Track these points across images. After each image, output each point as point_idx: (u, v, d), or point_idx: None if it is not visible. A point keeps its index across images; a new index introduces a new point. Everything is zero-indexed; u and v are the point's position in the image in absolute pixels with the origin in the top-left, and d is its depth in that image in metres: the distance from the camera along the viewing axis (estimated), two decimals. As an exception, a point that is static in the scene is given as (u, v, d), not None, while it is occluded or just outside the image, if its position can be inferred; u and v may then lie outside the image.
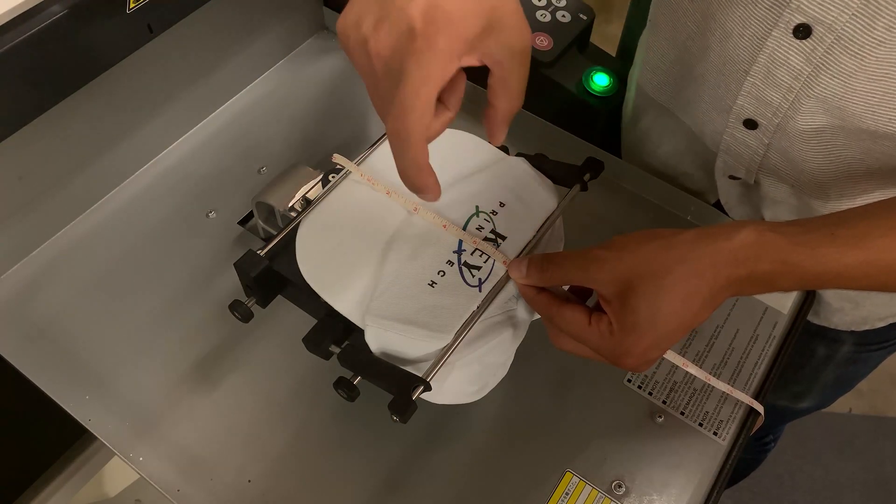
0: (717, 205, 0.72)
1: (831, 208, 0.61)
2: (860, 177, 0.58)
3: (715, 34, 0.56)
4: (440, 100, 0.40)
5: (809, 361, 0.79)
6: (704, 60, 0.59)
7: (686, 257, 0.43)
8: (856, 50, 0.48)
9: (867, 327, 0.73)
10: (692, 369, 0.55)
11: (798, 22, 0.50)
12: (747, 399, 0.58)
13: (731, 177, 0.66)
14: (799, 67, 0.52)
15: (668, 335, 0.43)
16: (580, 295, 0.49)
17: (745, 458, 1.19)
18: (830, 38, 0.49)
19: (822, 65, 0.51)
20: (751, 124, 0.59)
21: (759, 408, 0.58)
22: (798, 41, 0.51)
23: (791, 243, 0.42)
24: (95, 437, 0.56)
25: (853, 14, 0.47)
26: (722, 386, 0.58)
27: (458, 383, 0.49)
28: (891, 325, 0.73)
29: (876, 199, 0.59)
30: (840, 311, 0.72)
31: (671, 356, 0.53)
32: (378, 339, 0.48)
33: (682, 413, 0.59)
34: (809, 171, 0.59)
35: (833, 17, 0.48)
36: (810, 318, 0.73)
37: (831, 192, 0.60)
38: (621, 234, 0.45)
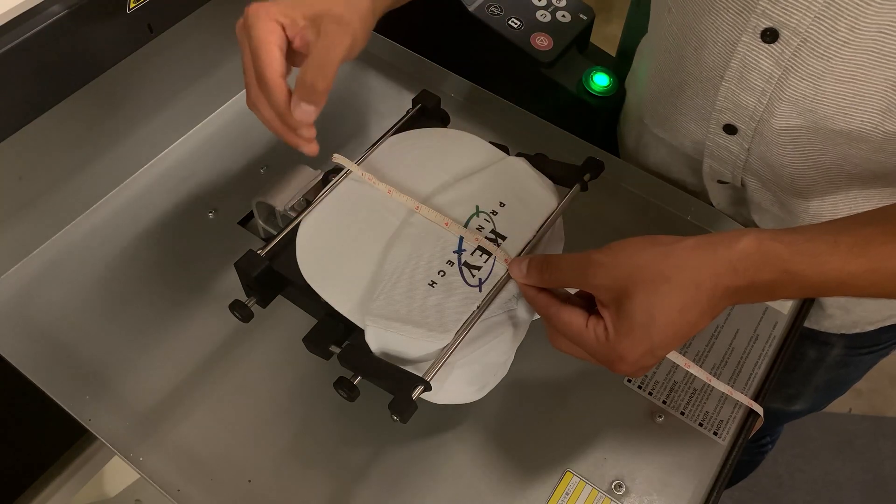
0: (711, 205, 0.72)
1: (813, 212, 0.62)
2: (839, 181, 0.58)
3: (691, 43, 0.57)
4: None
5: (800, 364, 0.79)
6: (682, 70, 0.60)
7: (685, 265, 0.42)
8: (822, 52, 0.49)
9: (857, 331, 0.73)
10: (693, 369, 0.55)
11: (765, 26, 0.51)
12: (747, 400, 0.58)
13: (720, 181, 0.67)
14: (769, 71, 0.53)
15: (663, 343, 0.43)
16: (586, 296, 0.49)
17: (742, 460, 1.19)
18: (797, 40, 0.50)
19: (791, 67, 0.51)
20: (730, 129, 0.59)
21: (759, 409, 0.58)
22: (766, 45, 0.52)
23: (793, 252, 0.42)
24: (95, 437, 0.56)
25: (816, 16, 0.48)
26: (722, 387, 0.58)
27: (458, 383, 0.49)
28: (881, 328, 0.73)
29: (857, 202, 0.59)
30: (831, 317, 0.72)
31: (673, 356, 0.53)
32: (378, 339, 0.48)
33: (682, 413, 0.59)
34: (789, 176, 0.59)
35: (797, 20, 0.49)
36: None
37: (812, 196, 0.61)
38: (622, 239, 0.45)
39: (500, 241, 0.53)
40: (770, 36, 0.51)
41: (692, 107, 0.62)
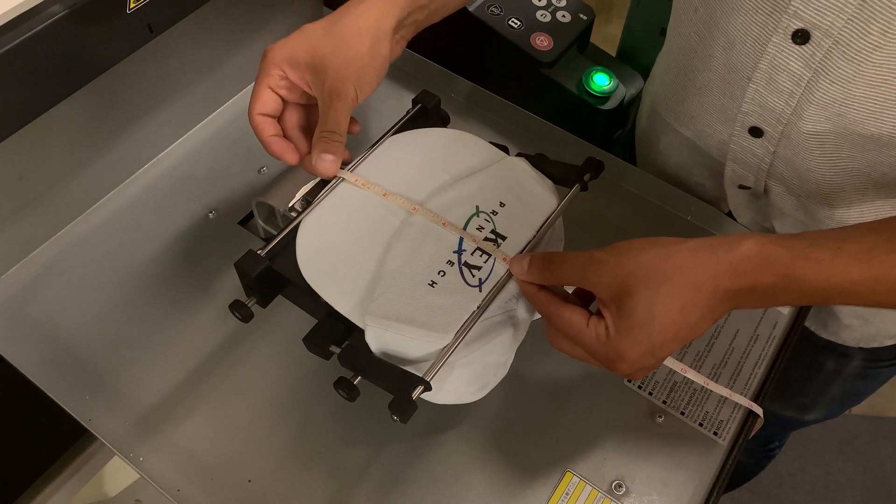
0: (730, 213, 0.72)
1: (838, 218, 0.61)
2: (867, 189, 0.58)
3: (718, 42, 0.57)
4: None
5: (817, 375, 0.78)
6: (708, 70, 0.59)
7: (686, 266, 0.42)
8: (853, 55, 0.49)
9: (876, 344, 0.72)
10: (691, 374, 0.55)
11: (796, 27, 0.50)
12: (746, 402, 0.58)
13: (741, 186, 0.66)
14: (799, 73, 0.52)
15: (663, 344, 0.43)
16: (584, 297, 0.49)
17: (749, 463, 1.19)
18: (828, 42, 0.49)
19: (822, 70, 0.51)
20: (756, 132, 0.59)
21: (759, 410, 0.58)
22: (797, 47, 0.51)
23: (794, 257, 0.41)
24: (95, 437, 0.56)
25: (848, 19, 0.47)
26: (721, 390, 0.58)
27: (458, 383, 0.49)
28: None
29: (883, 210, 0.59)
30: (849, 328, 0.71)
31: (670, 362, 0.53)
32: (378, 339, 0.48)
33: (683, 413, 0.59)
34: (814, 182, 0.59)
35: (829, 21, 0.48)
36: (819, 331, 0.73)
37: (837, 203, 0.60)
38: (624, 240, 0.45)
39: (500, 241, 0.53)
40: (801, 37, 0.50)
41: (718, 107, 0.61)
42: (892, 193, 0.57)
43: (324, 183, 0.57)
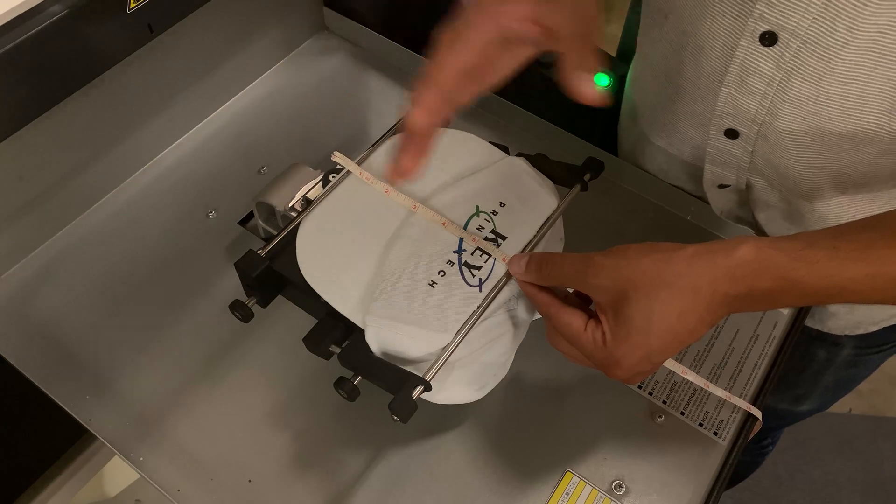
0: None
1: (819, 212, 0.61)
2: (846, 187, 0.58)
3: (688, 49, 0.57)
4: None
5: (810, 365, 0.79)
6: (679, 76, 0.60)
7: (684, 272, 0.42)
8: (822, 53, 0.49)
9: (861, 331, 0.73)
10: (690, 376, 0.55)
11: (763, 30, 0.51)
12: (744, 405, 0.58)
13: (721, 185, 0.67)
14: (770, 74, 0.52)
15: (661, 349, 0.43)
16: (585, 296, 0.49)
17: (743, 461, 1.19)
18: (796, 42, 0.50)
19: (793, 69, 0.51)
20: (732, 134, 0.59)
21: (757, 413, 0.58)
22: (766, 48, 0.51)
23: (791, 259, 0.41)
24: (95, 437, 0.56)
25: (814, 18, 0.48)
26: (720, 392, 0.58)
27: (458, 383, 0.49)
28: (885, 328, 0.73)
29: (863, 205, 0.59)
30: (834, 315, 0.72)
31: (670, 363, 0.53)
32: (378, 339, 0.48)
33: (683, 413, 0.59)
34: (793, 178, 0.59)
35: (795, 22, 0.49)
36: (807, 322, 0.73)
37: (816, 198, 0.61)
38: (623, 244, 0.45)
39: (500, 240, 0.53)
40: (769, 39, 0.51)
41: (691, 112, 0.61)
42: (871, 188, 0.58)
43: (324, 182, 0.57)
